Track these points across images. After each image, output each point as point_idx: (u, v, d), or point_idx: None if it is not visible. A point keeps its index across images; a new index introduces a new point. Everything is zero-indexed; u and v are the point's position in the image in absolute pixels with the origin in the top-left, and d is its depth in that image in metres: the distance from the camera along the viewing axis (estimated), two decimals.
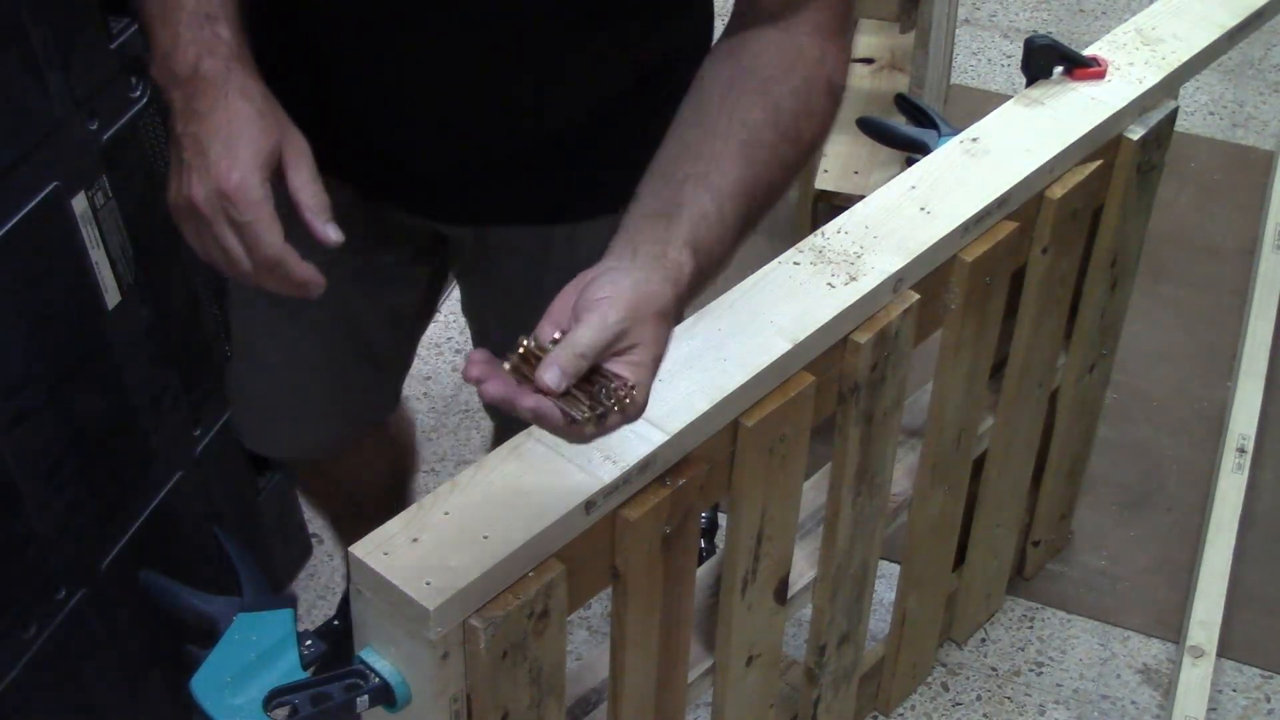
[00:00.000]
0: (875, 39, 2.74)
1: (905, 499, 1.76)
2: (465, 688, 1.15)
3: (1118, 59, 1.72)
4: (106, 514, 1.68)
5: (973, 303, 1.59)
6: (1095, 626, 2.17)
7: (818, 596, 1.66)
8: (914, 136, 1.67)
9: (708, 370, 1.29)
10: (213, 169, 1.07)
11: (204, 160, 1.07)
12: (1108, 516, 2.32)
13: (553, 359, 0.93)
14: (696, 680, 1.51)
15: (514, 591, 1.13)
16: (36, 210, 1.47)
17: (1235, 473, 2.30)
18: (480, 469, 1.18)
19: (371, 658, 1.14)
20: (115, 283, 1.61)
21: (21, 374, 1.50)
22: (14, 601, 1.55)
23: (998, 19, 3.52)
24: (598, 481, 1.18)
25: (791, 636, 1.98)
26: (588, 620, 2.15)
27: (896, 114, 1.81)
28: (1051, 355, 1.85)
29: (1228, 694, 2.08)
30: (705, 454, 1.29)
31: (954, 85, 3.19)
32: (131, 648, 1.75)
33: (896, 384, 1.52)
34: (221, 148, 1.07)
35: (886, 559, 1.90)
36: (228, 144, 1.07)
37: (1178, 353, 2.60)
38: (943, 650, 2.12)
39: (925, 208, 1.51)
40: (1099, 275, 1.83)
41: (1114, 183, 1.73)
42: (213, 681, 1.12)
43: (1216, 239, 2.84)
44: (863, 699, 1.94)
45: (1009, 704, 2.07)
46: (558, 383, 0.92)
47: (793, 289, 1.39)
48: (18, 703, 1.56)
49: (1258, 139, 3.12)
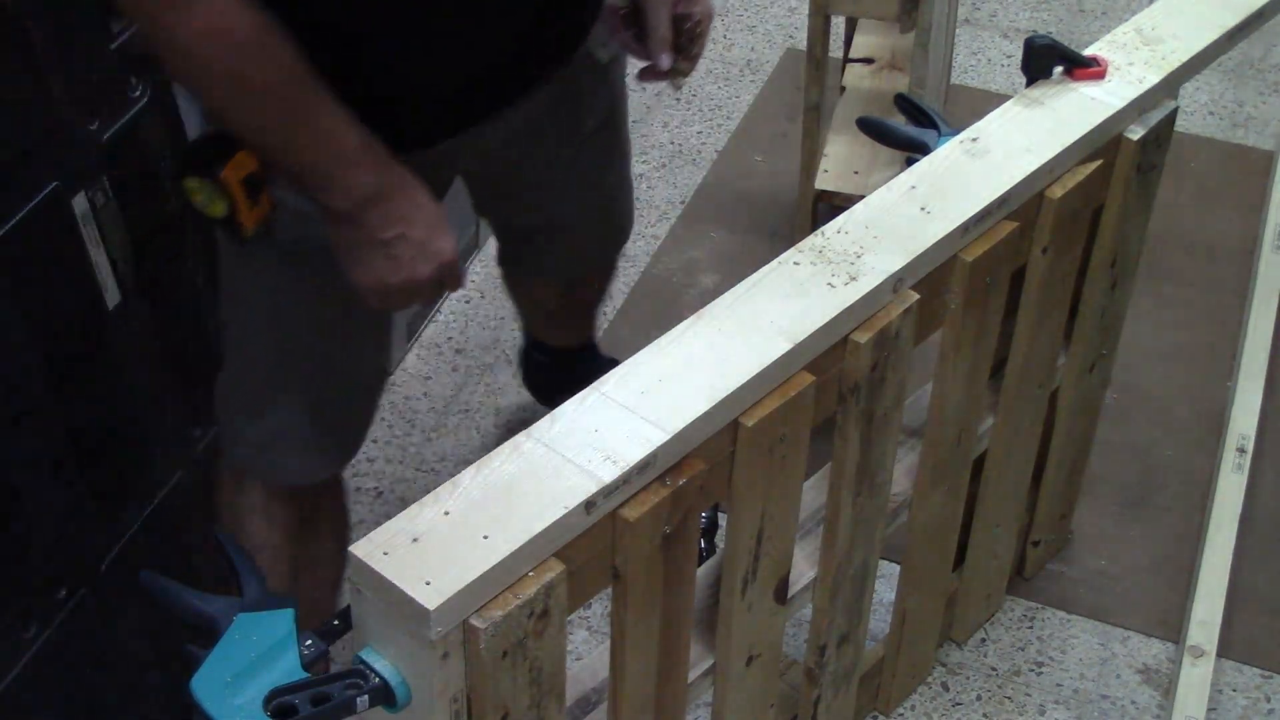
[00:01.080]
0: (875, 39, 2.74)
1: (905, 499, 1.76)
2: (465, 688, 1.15)
3: (1118, 59, 1.72)
4: (106, 514, 1.68)
5: (973, 303, 1.59)
6: (1095, 626, 2.17)
7: (818, 596, 1.66)
8: (914, 136, 1.67)
9: (708, 370, 1.29)
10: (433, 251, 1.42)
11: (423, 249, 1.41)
12: (1108, 516, 2.32)
13: (656, 49, 1.54)
14: (696, 680, 1.51)
15: (514, 591, 1.14)
16: (36, 210, 1.48)
17: (1235, 473, 2.30)
18: (480, 469, 1.18)
19: (371, 658, 1.14)
20: (115, 283, 1.61)
21: (22, 374, 1.50)
22: (14, 601, 1.55)
23: (998, 19, 3.52)
24: (598, 481, 1.18)
25: (791, 636, 1.98)
26: (588, 620, 2.15)
27: (896, 114, 1.81)
28: (1051, 355, 1.85)
29: (1228, 694, 2.08)
30: (705, 454, 1.29)
31: (954, 85, 3.20)
32: (131, 648, 1.75)
33: (896, 384, 1.52)
34: (431, 234, 1.42)
35: (886, 559, 1.90)
36: (436, 229, 1.42)
37: (1178, 353, 2.60)
38: (943, 650, 2.12)
39: (925, 208, 1.51)
40: (1099, 275, 1.83)
41: (1114, 183, 1.73)
42: (213, 681, 1.12)
43: (1216, 239, 2.84)
44: (863, 699, 1.94)
45: (1009, 704, 2.07)
46: (670, 62, 1.54)
47: (793, 289, 1.39)
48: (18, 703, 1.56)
49: (1258, 139, 3.12)
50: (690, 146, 3.09)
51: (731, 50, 3.39)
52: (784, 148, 3.03)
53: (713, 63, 3.34)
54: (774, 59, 3.36)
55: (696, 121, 3.17)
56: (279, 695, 1.11)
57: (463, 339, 2.63)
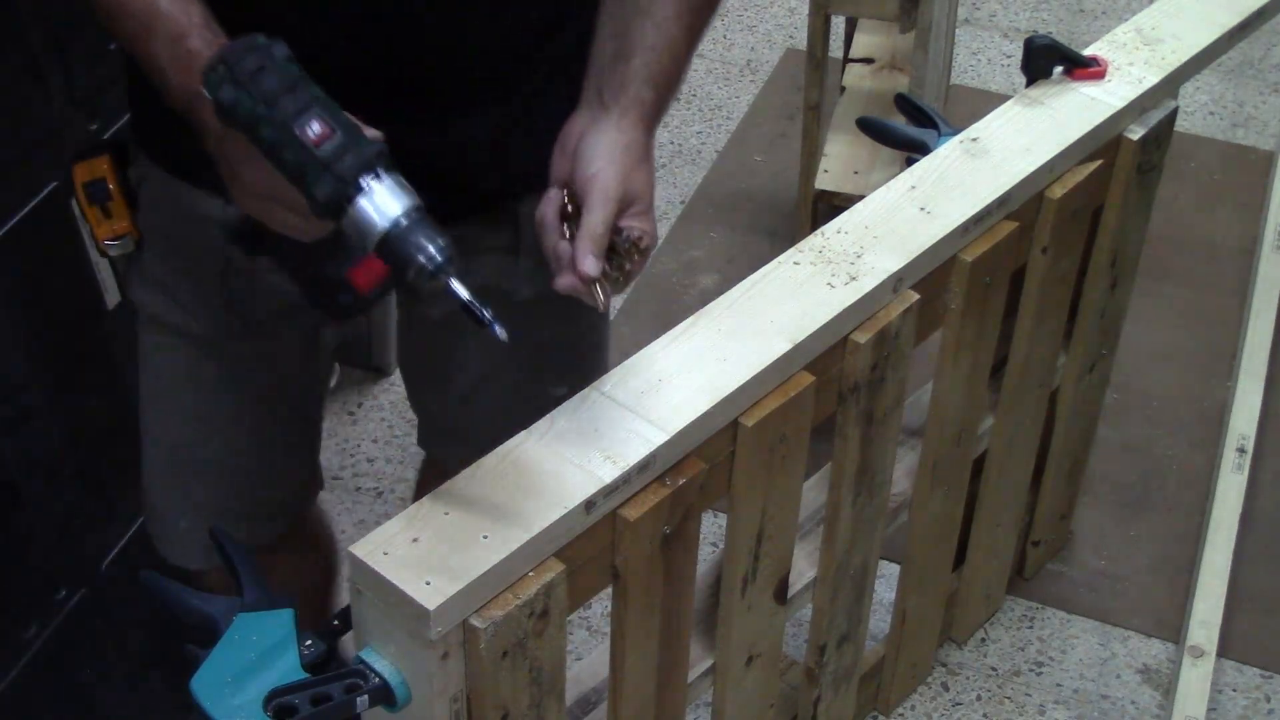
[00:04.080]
0: (875, 39, 2.74)
1: (905, 499, 1.76)
2: (465, 688, 1.15)
3: (1118, 59, 1.72)
4: (106, 514, 1.68)
5: (973, 303, 1.59)
6: (1095, 626, 2.17)
7: (818, 596, 1.66)
8: (914, 136, 1.67)
9: (708, 370, 1.29)
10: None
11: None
12: (1108, 516, 2.32)
13: (584, 250, 1.11)
14: (696, 680, 1.51)
15: (514, 591, 1.13)
16: (36, 210, 1.48)
17: (1235, 473, 2.30)
18: (480, 469, 1.18)
19: (371, 658, 1.14)
20: (115, 283, 1.61)
21: (22, 374, 1.50)
22: (14, 601, 1.55)
23: (998, 19, 3.52)
24: (598, 481, 1.18)
25: (791, 636, 1.98)
26: (588, 620, 2.15)
27: (896, 114, 1.81)
28: (1051, 355, 1.85)
29: (1228, 694, 2.08)
30: (705, 454, 1.29)
31: (954, 85, 3.20)
32: (131, 648, 1.75)
33: (896, 384, 1.52)
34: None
35: (886, 559, 1.90)
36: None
37: (1178, 353, 2.60)
38: (943, 650, 2.12)
39: (925, 208, 1.51)
40: (1099, 275, 1.83)
41: (1114, 183, 1.73)
42: (213, 681, 1.12)
43: (1216, 239, 2.84)
44: (863, 699, 1.94)
45: (1009, 704, 2.07)
46: (598, 268, 1.12)
47: (793, 289, 1.39)
48: (18, 703, 1.56)
49: (1258, 139, 3.12)
50: (690, 146, 3.09)
51: (731, 50, 3.39)
52: (784, 148, 3.03)
53: (713, 63, 3.34)
54: (774, 59, 3.36)
55: (696, 121, 3.17)
56: (279, 695, 1.11)
57: None
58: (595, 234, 1.12)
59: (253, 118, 1.01)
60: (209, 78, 1.03)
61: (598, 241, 1.12)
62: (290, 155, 1.01)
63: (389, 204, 1.02)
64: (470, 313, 1.04)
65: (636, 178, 1.16)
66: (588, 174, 1.15)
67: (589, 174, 1.15)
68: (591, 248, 1.11)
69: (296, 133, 1.01)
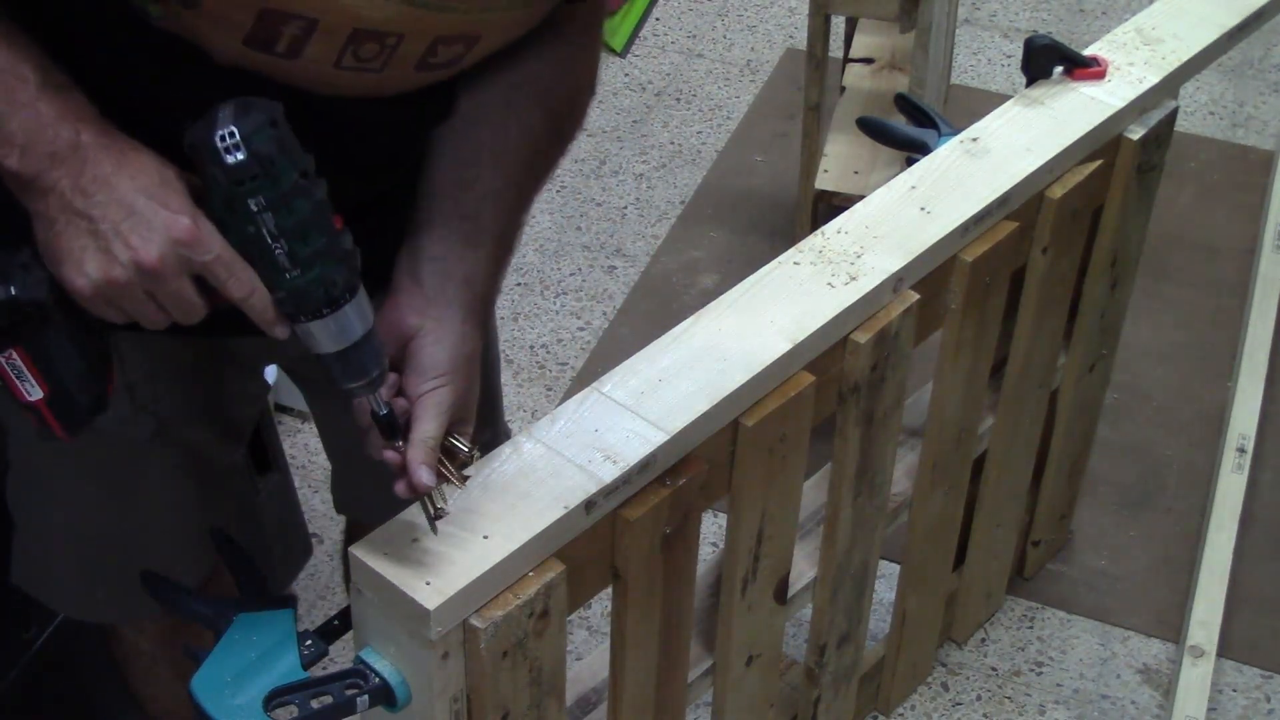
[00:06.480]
0: (875, 39, 2.74)
1: (905, 499, 1.76)
2: (465, 688, 1.15)
3: (1118, 59, 1.72)
4: None
5: (973, 303, 1.59)
6: (1095, 626, 2.17)
7: (818, 596, 1.66)
8: (914, 136, 1.67)
9: (708, 370, 1.29)
10: (156, 222, 0.97)
11: (137, 220, 0.97)
12: (1108, 516, 2.32)
13: (417, 462, 1.08)
14: (696, 680, 1.51)
15: (514, 591, 1.14)
16: None
17: (1235, 473, 2.30)
18: (480, 469, 1.18)
19: (371, 658, 1.14)
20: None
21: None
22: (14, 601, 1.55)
23: (998, 19, 3.52)
24: (598, 481, 1.18)
25: (791, 636, 1.98)
26: (588, 620, 2.15)
27: (896, 114, 1.81)
28: (1051, 355, 1.85)
29: (1228, 694, 2.08)
30: (705, 454, 1.29)
31: (954, 85, 3.20)
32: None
33: (896, 384, 1.52)
34: (151, 200, 0.98)
35: (886, 559, 1.90)
36: (158, 193, 0.98)
37: (1178, 353, 2.60)
38: (943, 650, 2.12)
39: (925, 208, 1.51)
40: (1099, 275, 1.83)
41: (1114, 183, 1.73)
42: (213, 681, 1.12)
43: (1216, 239, 2.84)
44: (863, 699, 1.94)
45: (1009, 704, 2.07)
46: (432, 478, 1.08)
47: (793, 289, 1.39)
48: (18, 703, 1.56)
49: (1258, 139, 3.12)
50: (690, 146, 3.09)
51: (731, 50, 3.39)
52: (784, 148, 3.03)
53: (713, 63, 3.34)
54: (774, 59, 3.36)
55: (696, 121, 3.17)
56: (279, 695, 1.11)
57: None
58: (429, 446, 1.09)
59: (293, 186, 0.96)
60: (227, 131, 0.94)
61: (430, 454, 1.09)
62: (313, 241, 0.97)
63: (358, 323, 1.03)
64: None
65: (472, 390, 1.15)
66: (424, 387, 1.11)
67: (426, 388, 1.11)
68: (425, 458, 1.08)
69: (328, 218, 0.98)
